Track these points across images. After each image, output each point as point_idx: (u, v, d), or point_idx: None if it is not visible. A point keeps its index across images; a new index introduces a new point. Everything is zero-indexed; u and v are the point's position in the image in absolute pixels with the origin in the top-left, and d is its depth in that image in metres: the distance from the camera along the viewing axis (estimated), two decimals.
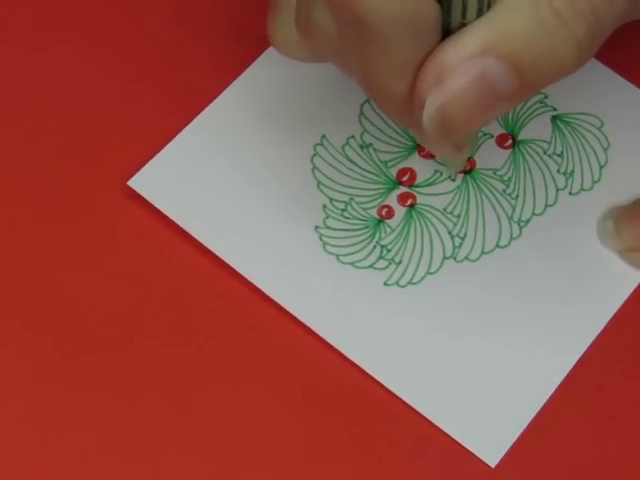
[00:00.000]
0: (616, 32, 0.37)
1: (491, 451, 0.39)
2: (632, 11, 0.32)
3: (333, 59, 0.34)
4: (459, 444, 0.39)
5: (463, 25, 0.32)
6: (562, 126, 0.44)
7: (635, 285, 0.41)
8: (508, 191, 0.42)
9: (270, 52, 0.44)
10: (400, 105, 0.33)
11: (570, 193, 0.43)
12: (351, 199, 0.42)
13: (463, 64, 0.31)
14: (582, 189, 0.43)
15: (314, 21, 0.33)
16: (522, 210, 0.42)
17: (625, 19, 0.33)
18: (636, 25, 0.38)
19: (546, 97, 0.44)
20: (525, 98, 0.33)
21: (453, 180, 0.42)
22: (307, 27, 0.34)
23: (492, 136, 0.43)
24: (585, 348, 0.40)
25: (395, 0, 0.30)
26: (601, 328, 0.40)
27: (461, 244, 0.42)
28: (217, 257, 0.41)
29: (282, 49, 0.37)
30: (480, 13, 0.31)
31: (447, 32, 0.32)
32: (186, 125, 0.43)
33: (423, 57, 0.32)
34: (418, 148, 0.43)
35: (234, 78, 0.44)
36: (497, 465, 0.38)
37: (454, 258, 0.41)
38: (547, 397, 0.39)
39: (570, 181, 0.43)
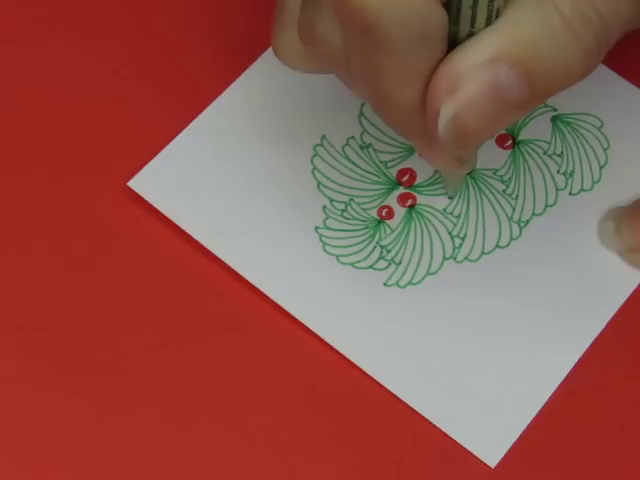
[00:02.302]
0: None
1: (491, 451, 0.39)
2: (636, 19, 0.33)
3: (338, 70, 0.34)
4: (459, 444, 0.39)
5: (471, 34, 0.32)
6: (562, 126, 0.43)
7: (635, 285, 0.41)
8: (508, 191, 0.42)
9: (270, 53, 0.44)
10: (406, 116, 0.33)
11: (570, 193, 0.43)
12: (351, 200, 0.42)
13: (475, 71, 0.31)
14: (582, 189, 0.43)
15: (318, 31, 0.33)
16: (522, 210, 0.42)
17: (630, 27, 0.33)
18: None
19: None
20: (534, 106, 0.33)
21: (450, 198, 0.42)
22: (311, 37, 0.34)
23: (492, 136, 0.43)
24: (585, 348, 0.40)
25: (404, 9, 0.30)
26: (601, 328, 0.40)
27: (461, 244, 0.42)
28: (217, 258, 0.41)
29: (286, 60, 0.36)
30: (489, 22, 0.31)
31: (454, 41, 0.32)
32: (186, 125, 0.43)
33: (431, 66, 0.32)
34: None
35: (234, 79, 0.44)
36: (497, 465, 0.39)
37: (454, 258, 0.41)
38: (547, 397, 0.39)
39: (570, 181, 0.43)
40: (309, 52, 0.35)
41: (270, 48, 0.43)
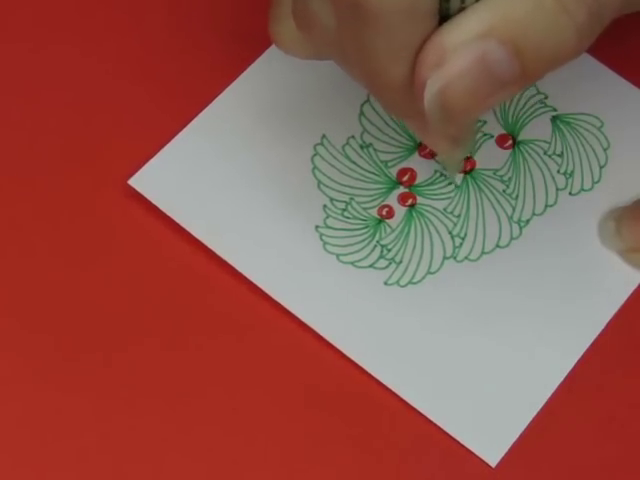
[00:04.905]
0: (616, 32, 0.37)
1: (492, 450, 0.39)
2: (631, 2, 0.32)
3: (332, 52, 0.34)
4: (460, 443, 0.39)
5: (462, 9, 0.31)
6: (562, 126, 0.44)
7: (635, 285, 0.41)
8: (508, 191, 0.43)
9: (270, 52, 0.44)
10: (398, 94, 0.33)
11: (570, 193, 0.43)
12: (351, 199, 0.42)
13: (464, 47, 0.31)
14: (582, 189, 0.43)
15: (311, 11, 0.33)
16: (522, 210, 0.42)
17: (626, 8, 0.32)
18: (636, 24, 0.38)
19: (546, 97, 0.44)
20: (526, 85, 0.33)
21: (454, 184, 0.42)
22: (305, 18, 0.34)
23: (492, 136, 0.43)
24: (585, 348, 0.40)
25: None
26: (601, 328, 0.40)
27: (461, 244, 0.42)
28: (217, 256, 0.41)
29: (283, 46, 0.36)
30: None
31: (445, 17, 0.31)
32: (186, 125, 0.43)
33: (421, 42, 0.31)
34: (419, 148, 0.43)
35: (234, 78, 0.44)
36: (498, 465, 0.38)
37: (454, 258, 0.41)
38: (547, 397, 0.39)
39: (570, 181, 0.43)
40: (305, 37, 0.35)
41: (270, 48, 0.44)
